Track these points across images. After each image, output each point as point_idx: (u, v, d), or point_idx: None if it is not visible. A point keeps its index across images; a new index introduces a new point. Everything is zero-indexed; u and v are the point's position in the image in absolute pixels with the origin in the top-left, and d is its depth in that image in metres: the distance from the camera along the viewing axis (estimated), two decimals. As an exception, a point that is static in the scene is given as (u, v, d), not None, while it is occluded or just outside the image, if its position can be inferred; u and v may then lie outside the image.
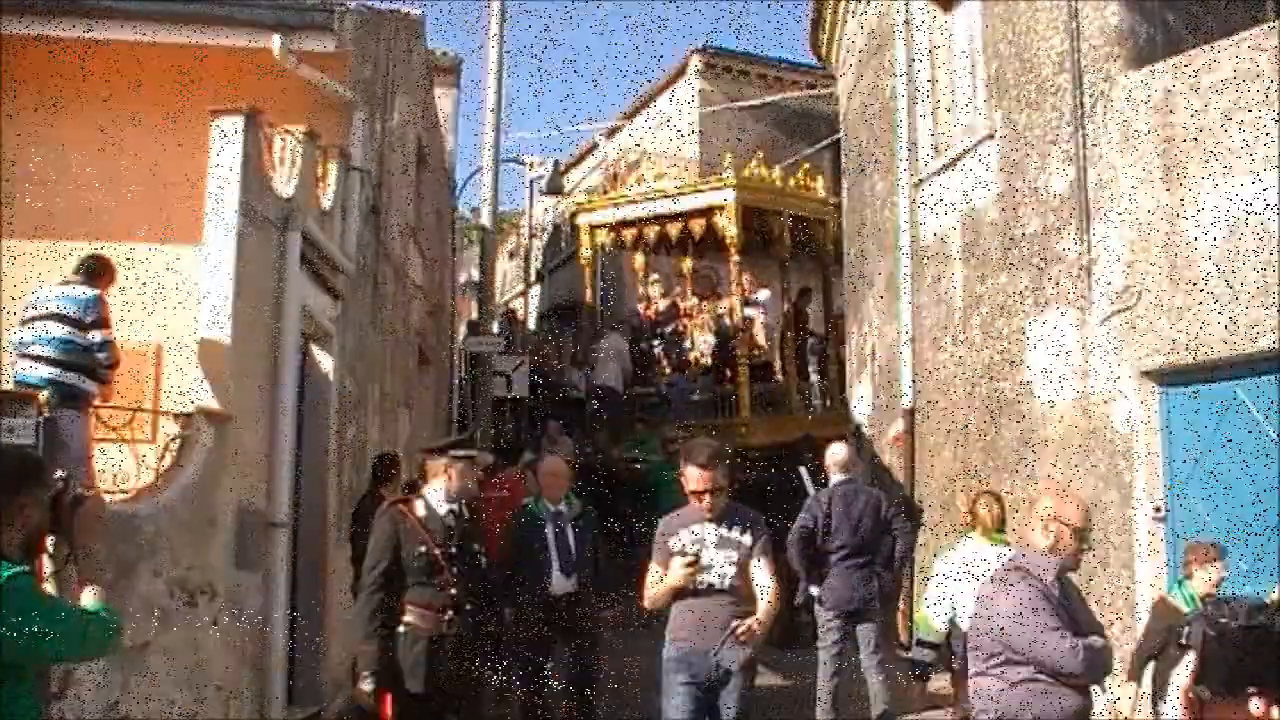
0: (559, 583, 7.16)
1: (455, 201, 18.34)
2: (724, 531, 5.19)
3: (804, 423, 14.68)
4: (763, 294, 16.88)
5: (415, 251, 12.75)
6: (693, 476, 5.14)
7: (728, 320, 16.38)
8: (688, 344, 17.26)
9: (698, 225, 15.95)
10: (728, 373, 15.80)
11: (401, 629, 5.53)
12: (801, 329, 16.50)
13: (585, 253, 17.19)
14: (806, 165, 17.10)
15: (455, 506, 5.77)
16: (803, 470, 10.60)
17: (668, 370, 16.97)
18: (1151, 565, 7.62)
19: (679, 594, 5.16)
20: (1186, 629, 2.21)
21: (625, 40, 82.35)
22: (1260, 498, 7.07)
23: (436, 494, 5.78)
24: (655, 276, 18.40)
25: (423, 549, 5.57)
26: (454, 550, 5.65)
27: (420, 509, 5.73)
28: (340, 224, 8.68)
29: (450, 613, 5.57)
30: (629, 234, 16.90)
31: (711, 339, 16.88)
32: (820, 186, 16.55)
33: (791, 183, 16.24)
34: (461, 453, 5.90)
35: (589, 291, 18.29)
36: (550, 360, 19.21)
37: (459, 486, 5.80)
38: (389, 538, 5.62)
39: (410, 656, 5.51)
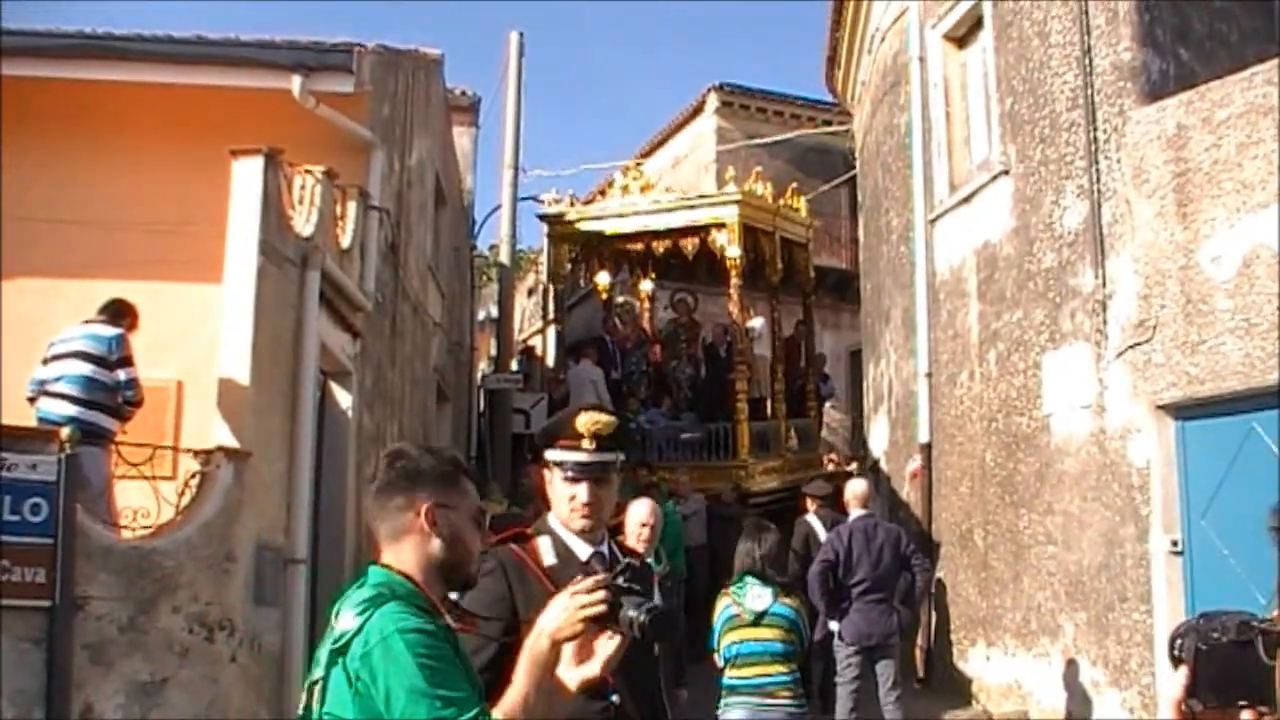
0: None
1: (474, 239, 18.45)
2: None
3: (795, 465, 13.86)
4: (756, 323, 15.59)
5: (434, 289, 12.84)
6: None
7: (722, 350, 14.91)
8: (666, 374, 15.59)
9: (689, 244, 14.16)
10: (720, 408, 14.09)
11: None
12: (793, 366, 15.60)
13: (539, 273, 15.18)
14: (794, 185, 15.94)
15: (603, 549, 3.16)
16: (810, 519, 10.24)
17: (643, 403, 14.87)
18: (1169, 600, 7.58)
19: None
20: (1179, 642, 2.21)
21: (644, 77, 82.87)
22: (1278, 531, 7.02)
23: (560, 527, 3.17)
24: (624, 299, 17.05)
25: None
26: None
27: (546, 553, 3.12)
28: (359, 262, 8.76)
29: None
30: (608, 251, 15.35)
31: (690, 371, 15.49)
32: (803, 208, 15.45)
33: (781, 203, 14.83)
34: (558, 456, 3.12)
35: (554, 312, 16.71)
36: (568, 398, 19.08)
37: (584, 511, 3.11)
38: (499, 602, 2.97)
39: None
